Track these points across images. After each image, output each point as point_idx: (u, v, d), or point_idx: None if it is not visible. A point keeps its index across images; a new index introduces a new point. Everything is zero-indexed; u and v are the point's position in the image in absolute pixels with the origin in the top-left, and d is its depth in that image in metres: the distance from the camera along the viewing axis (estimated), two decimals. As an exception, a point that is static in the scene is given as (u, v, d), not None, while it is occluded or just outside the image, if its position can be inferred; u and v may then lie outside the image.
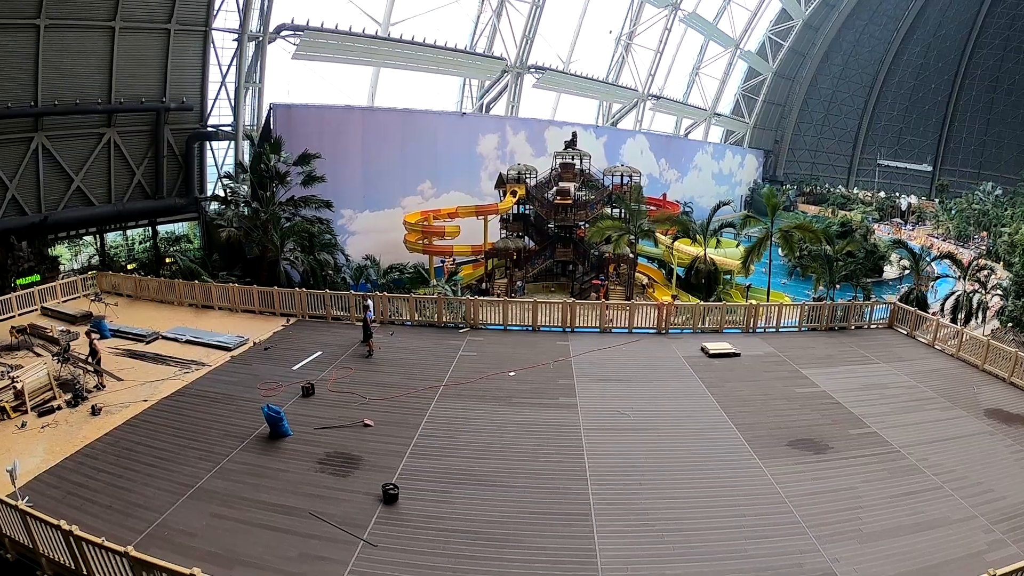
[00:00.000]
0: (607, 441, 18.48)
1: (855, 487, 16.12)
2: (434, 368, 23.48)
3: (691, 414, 20.59)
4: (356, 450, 17.24)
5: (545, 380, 22.79)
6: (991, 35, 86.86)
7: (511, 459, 17.28)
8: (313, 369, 23.03)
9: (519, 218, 55.64)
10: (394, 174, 54.10)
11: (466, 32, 60.23)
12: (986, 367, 24.90)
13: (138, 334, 25.61)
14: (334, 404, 20.13)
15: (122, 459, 16.43)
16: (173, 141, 40.09)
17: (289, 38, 43.04)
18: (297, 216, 37.06)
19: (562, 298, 52.54)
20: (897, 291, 50.32)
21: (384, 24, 49.87)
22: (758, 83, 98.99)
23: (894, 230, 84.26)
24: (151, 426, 18.32)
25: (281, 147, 36.60)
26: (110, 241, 40.94)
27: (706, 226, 43.11)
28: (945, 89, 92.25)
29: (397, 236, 50.49)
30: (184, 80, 39.09)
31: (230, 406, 19.76)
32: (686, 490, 16.09)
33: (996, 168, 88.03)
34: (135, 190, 39.60)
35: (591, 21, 72.16)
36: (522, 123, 66.58)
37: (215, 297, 30.07)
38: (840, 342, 28.79)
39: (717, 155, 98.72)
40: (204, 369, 22.67)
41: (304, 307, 29.04)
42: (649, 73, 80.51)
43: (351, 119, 49.64)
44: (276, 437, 17.66)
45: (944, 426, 20.04)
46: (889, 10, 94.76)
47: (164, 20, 36.45)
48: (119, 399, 19.86)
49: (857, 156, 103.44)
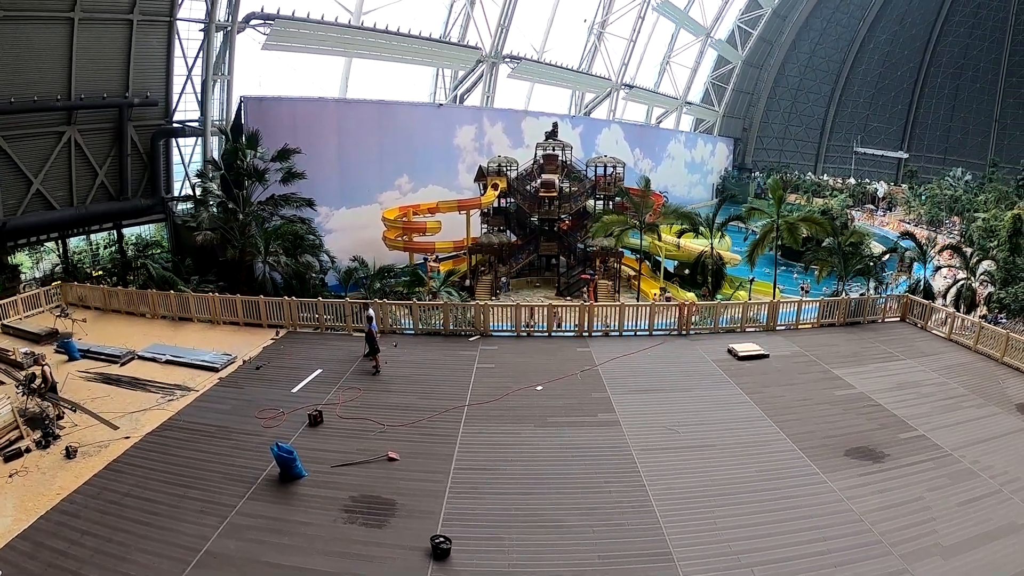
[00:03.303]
0: (663, 464, 16.59)
1: (922, 497, 15.31)
2: (452, 384, 21.21)
3: (741, 426, 19.03)
4: (386, 491, 14.82)
5: (577, 393, 20.79)
6: (956, 23, 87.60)
7: (564, 493, 15.14)
8: (315, 391, 20.49)
9: (500, 212, 53.96)
10: (371, 169, 51.81)
11: (439, 21, 57.97)
12: (1006, 359, 24.63)
13: (111, 354, 22.69)
14: (348, 434, 17.65)
15: (109, 516, 13.72)
16: (137, 139, 37.28)
17: (259, 27, 40.31)
18: (276, 216, 34.40)
19: (548, 294, 51.63)
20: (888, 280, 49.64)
21: (356, 13, 47.39)
22: (727, 71, 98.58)
23: (866, 216, 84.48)
24: (138, 471, 15.58)
25: (258, 142, 33.89)
26: (73, 247, 37.91)
27: (712, 219, 41.46)
28: (911, 76, 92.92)
29: (375, 233, 48.64)
30: (148, 74, 36.36)
31: (227, 441, 17.12)
32: (763, 516, 14.48)
33: (961, 154, 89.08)
34: (98, 191, 36.78)
35: (564, 10, 70.49)
36: (499, 114, 64.72)
37: (193, 308, 27.28)
38: (860, 338, 28.00)
39: (689, 144, 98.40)
40: (190, 395, 19.96)
41: (294, 317, 26.48)
42: (622, 62, 79.41)
43: (325, 112, 47.04)
44: (288, 479, 15.12)
45: (984, 425, 19.47)
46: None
47: (126, 10, 33.72)
48: (95, 436, 17.09)
49: (824, 143, 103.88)
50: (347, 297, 31.21)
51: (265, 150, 34.62)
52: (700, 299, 43.86)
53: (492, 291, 48.39)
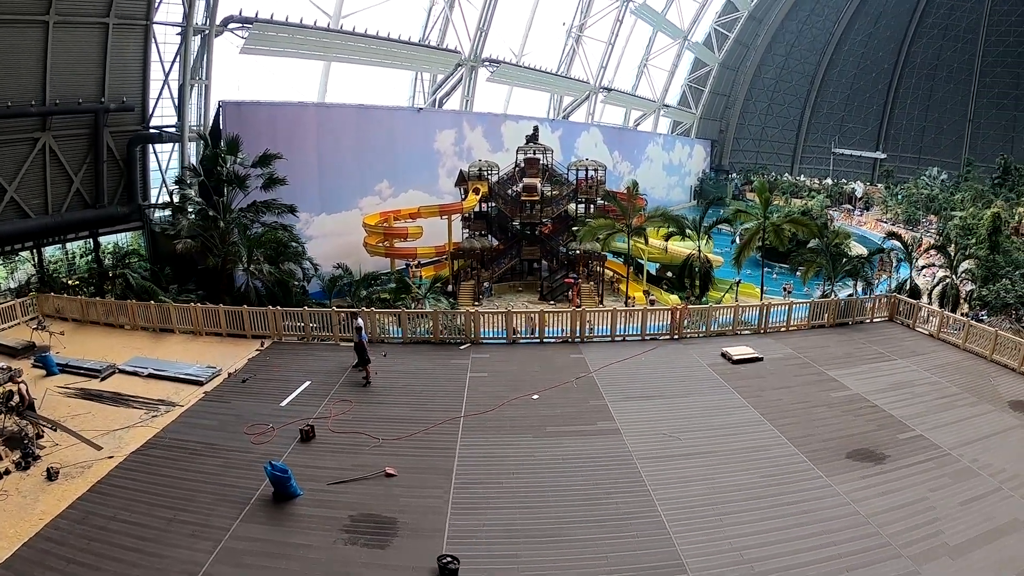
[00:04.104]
0: (667, 472, 16.28)
1: (926, 497, 15.35)
2: (445, 395, 20.70)
3: (741, 431, 18.85)
4: (386, 509, 14.27)
5: (574, 402, 20.40)
6: (930, 25, 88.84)
7: (570, 505, 14.72)
8: (305, 404, 19.84)
9: (481, 216, 53.46)
10: (351, 174, 51.09)
11: (418, 24, 57.53)
12: (994, 357, 24.91)
13: (91, 368, 21.81)
14: (342, 449, 17.06)
15: (95, 543, 13.00)
16: (113, 145, 36.19)
17: (237, 31, 39.47)
18: (257, 223, 33.61)
19: (531, 298, 51.24)
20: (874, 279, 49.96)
21: (335, 16, 46.75)
22: (704, 74, 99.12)
23: (844, 216, 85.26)
24: (124, 493, 14.84)
25: (239, 147, 33.07)
26: (49, 256, 36.78)
27: (700, 222, 41.32)
28: (885, 77, 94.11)
29: (356, 239, 47.94)
30: (124, 78, 35.31)
31: (216, 459, 16.42)
32: (771, 522, 14.31)
33: (935, 153, 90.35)
34: (74, 199, 35.64)
35: (543, 13, 70.52)
36: (478, 118, 64.25)
37: (174, 319, 26.44)
38: (851, 339, 28.08)
39: (667, 146, 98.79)
40: (175, 411, 19.23)
41: (279, 327, 25.78)
42: (600, 65, 79.51)
43: (304, 117, 46.25)
44: (283, 499, 14.49)
45: (980, 423, 19.61)
46: (830, 1, 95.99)
47: (102, 13, 32.71)
48: (78, 456, 16.31)
49: (801, 144, 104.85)
50: (332, 305, 30.58)
51: (245, 155, 33.79)
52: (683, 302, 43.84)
53: (475, 296, 47.93)
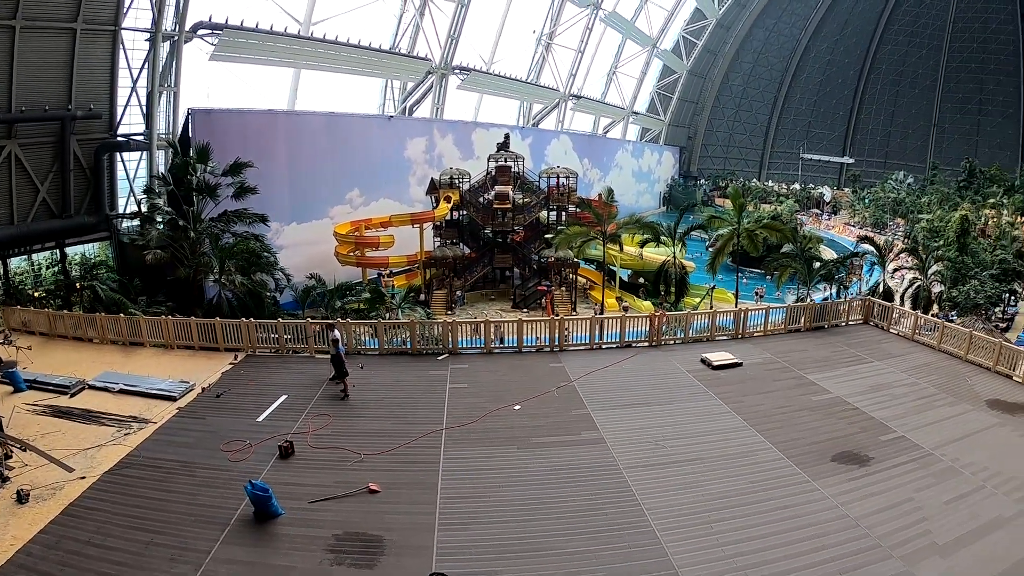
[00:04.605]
0: (655, 480, 16.11)
1: (911, 498, 15.45)
2: (426, 407, 20.26)
3: (725, 437, 18.75)
4: (371, 527, 13.84)
5: (556, 411, 20.13)
6: (896, 31, 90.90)
7: (560, 517, 14.46)
8: (282, 419, 19.28)
9: (453, 224, 53.34)
10: (321, 182, 50.57)
11: (388, 32, 57.15)
12: (969, 357, 25.25)
13: (60, 384, 21.03)
14: (322, 465, 16.57)
15: (70, 569, 12.39)
16: (80, 153, 35.44)
17: (207, 38, 38.88)
18: (228, 232, 32.95)
19: (503, 306, 51.07)
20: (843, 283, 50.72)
21: (306, 23, 46.28)
22: (673, 81, 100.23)
23: (812, 220, 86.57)
24: (98, 515, 14.20)
25: (209, 155, 32.41)
26: (14, 267, 35.86)
27: (674, 229, 41.51)
28: (852, 83, 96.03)
29: (327, 248, 47.66)
30: (92, 85, 34.63)
31: (192, 478, 15.83)
32: (762, 528, 14.21)
33: (901, 157, 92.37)
34: (40, 208, 34.85)
35: (513, 21, 70.64)
36: (449, 126, 64.13)
37: (145, 332, 25.65)
38: (827, 342, 28.26)
39: (636, 153, 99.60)
40: (148, 428, 18.56)
41: (253, 340, 25.18)
42: (570, 73, 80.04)
43: (275, 125, 45.73)
44: (264, 519, 14.00)
45: (959, 423, 19.81)
46: (798, 9, 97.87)
47: (69, 19, 32.11)
48: (48, 478, 15.60)
49: (768, 149, 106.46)
50: (306, 317, 30.04)
51: (216, 164, 33.21)
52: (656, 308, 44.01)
53: (448, 305, 47.67)
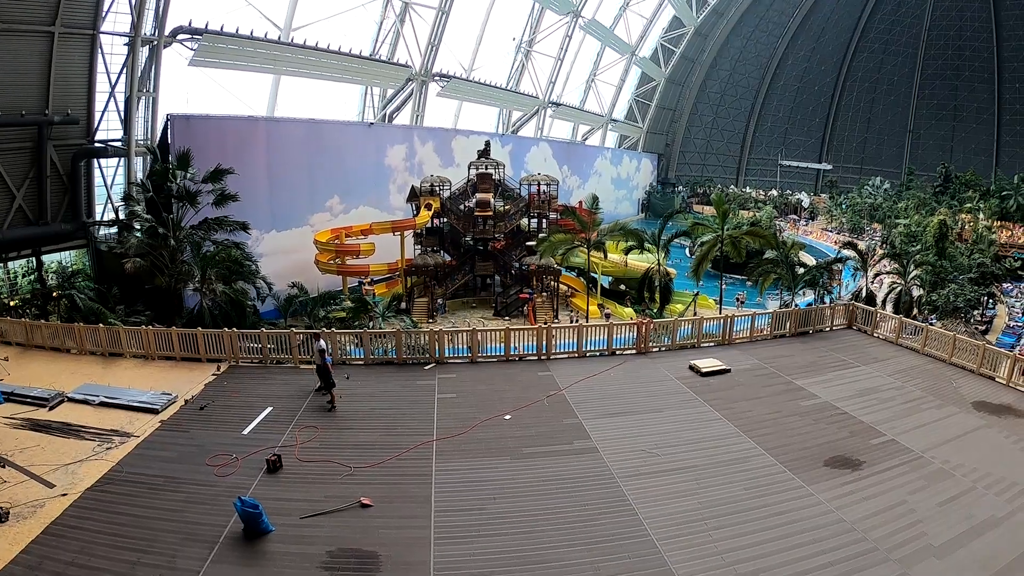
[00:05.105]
0: (650, 489, 15.97)
1: (905, 500, 15.60)
2: (415, 418, 19.92)
3: (718, 444, 18.70)
4: (365, 542, 13.48)
5: (547, 421, 19.91)
6: (871, 39, 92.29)
7: (557, 529, 14.23)
8: (268, 431, 18.83)
9: (433, 232, 53.09)
10: (301, 190, 50.05)
11: (368, 38, 56.84)
12: (953, 360, 25.61)
13: (38, 397, 20.36)
14: (312, 479, 16.16)
15: (52, 592, 12.01)
16: (57, 159, 34.71)
17: (186, 42, 38.30)
18: (208, 240, 32.37)
19: (485, 314, 50.79)
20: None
21: (286, 29, 45.88)
22: (651, 88, 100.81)
23: (790, 226, 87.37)
24: (81, 534, 13.67)
25: (190, 162, 31.83)
26: (-11, 276, 34.99)
27: (658, 236, 41.53)
28: (828, 91, 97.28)
29: (307, 256, 47.08)
30: (69, 90, 33.96)
31: (178, 494, 15.31)
32: (761, 534, 14.19)
33: (877, 163, 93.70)
34: (16, 216, 34.17)
35: (493, 28, 70.68)
36: (429, 133, 63.88)
37: (124, 343, 25.02)
38: (813, 347, 28.42)
39: (615, 160, 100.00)
40: (131, 442, 18.02)
41: (236, 350, 24.66)
42: (549, 80, 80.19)
43: (255, 131, 45.10)
44: (254, 536, 13.57)
45: (946, 425, 20.09)
46: (775, 17, 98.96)
47: (47, 22, 31.49)
48: (28, 495, 15.03)
49: (746, 156, 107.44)
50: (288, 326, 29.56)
51: (196, 171, 32.64)
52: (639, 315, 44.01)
53: (429, 313, 47.34)
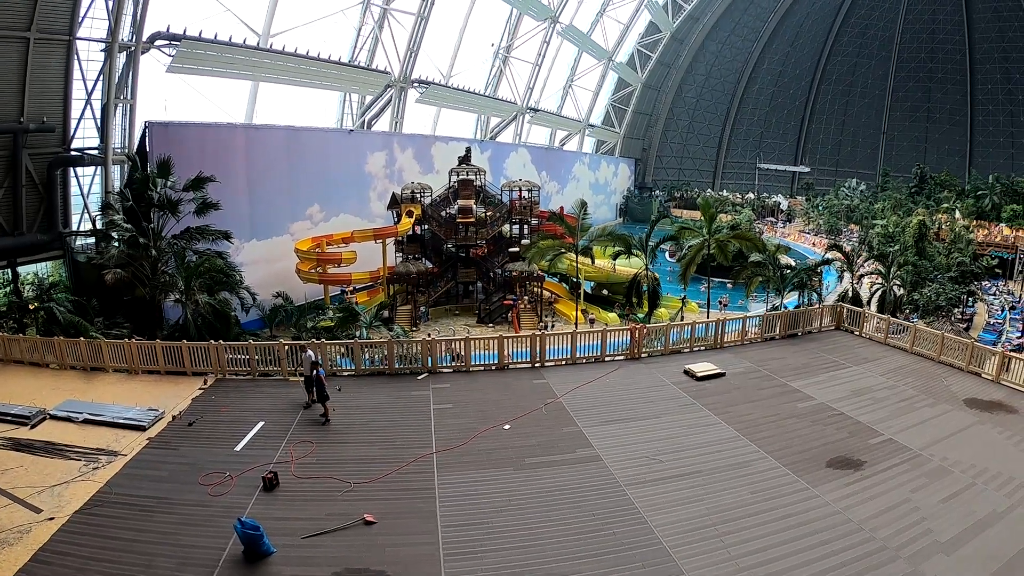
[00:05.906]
0: (658, 496, 15.77)
1: (909, 498, 15.66)
2: (412, 430, 19.50)
3: (720, 448, 18.59)
4: (373, 562, 12.99)
5: (547, 430, 19.60)
6: (845, 43, 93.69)
7: (567, 540, 13.91)
8: (261, 447, 18.25)
9: (415, 239, 52.59)
10: (281, 198, 49.13)
11: (347, 45, 56.20)
12: (942, 358, 25.92)
13: (19, 414, 19.57)
14: (311, 497, 15.63)
15: (43, 625, 11.41)
16: (33, 168, 33.68)
17: (164, 48, 37.49)
18: (189, 250, 31.63)
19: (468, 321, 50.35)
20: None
21: (264, 35, 45.16)
22: (628, 94, 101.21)
23: (767, 228, 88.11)
24: (71, 561, 13.02)
25: (170, 170, 31.08)
26: (-37, 288, 33.73)
27: (645, 240, 41.45)
28: (802, 94, 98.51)
29: (288, 265, 46.25)
30: (45, 97, 33.05)
31: (172, 516, 14.67)
32: (771, 538, 14.11)
33: (851, 165, 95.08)
34: (-10, 226, 33.17)
35: (471, 35, 70.38)
36: (409, 139, 63.29)
37: (107, 356, 24.23)
38: (804, 349, 28.58)
39: (593, 165, 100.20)
40: (118, 461, 17.34)
41: (223, 363, 24.00)
42: (527, 86, 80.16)
43: (234, 138, 44.17)
44: (255, 558, 13.01)
45: (941, 423, 20.20)
46: (749, 22, 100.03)
47: (23, 27, 30.66)
48: (14, 519, 14.32)
49: (722, 160, 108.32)
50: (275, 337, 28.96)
51: (176, 179, 31.89)
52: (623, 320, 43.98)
53: (412, 321, 46.82)
